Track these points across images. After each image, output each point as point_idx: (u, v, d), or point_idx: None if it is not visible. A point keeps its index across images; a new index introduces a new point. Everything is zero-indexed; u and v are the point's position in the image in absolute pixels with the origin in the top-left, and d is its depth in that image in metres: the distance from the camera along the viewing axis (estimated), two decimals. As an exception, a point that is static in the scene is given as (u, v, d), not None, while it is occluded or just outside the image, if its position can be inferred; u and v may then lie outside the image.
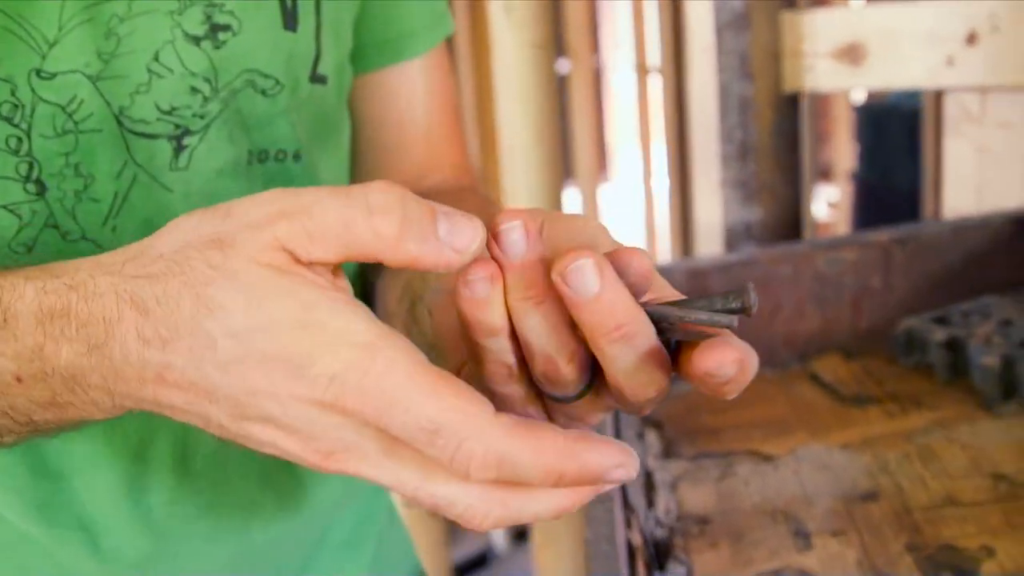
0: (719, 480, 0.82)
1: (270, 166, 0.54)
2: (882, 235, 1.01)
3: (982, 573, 0.69)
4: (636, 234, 3.09)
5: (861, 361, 0.98)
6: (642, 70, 3.20)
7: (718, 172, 1.14)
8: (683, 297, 0.38)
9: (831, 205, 3.82)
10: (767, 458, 0.84)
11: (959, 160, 1.11)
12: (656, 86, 2.94)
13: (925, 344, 0.94)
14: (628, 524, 0.68)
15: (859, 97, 3.27)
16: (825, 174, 3.66)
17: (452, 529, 2.40)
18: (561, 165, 1.51)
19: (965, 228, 0.99)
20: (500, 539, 2.66)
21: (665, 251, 2.02)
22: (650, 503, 0.76)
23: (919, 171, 1.34)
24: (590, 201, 2.88)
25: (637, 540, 0.68)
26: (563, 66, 3.40)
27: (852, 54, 1.12)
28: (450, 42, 0.72)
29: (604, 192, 4.34)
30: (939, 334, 0.93)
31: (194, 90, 0.50)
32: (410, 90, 0.67)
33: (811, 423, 0.89)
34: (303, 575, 0.68)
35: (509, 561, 2.64)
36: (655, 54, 2.55)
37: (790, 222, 1.20)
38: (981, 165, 1.09)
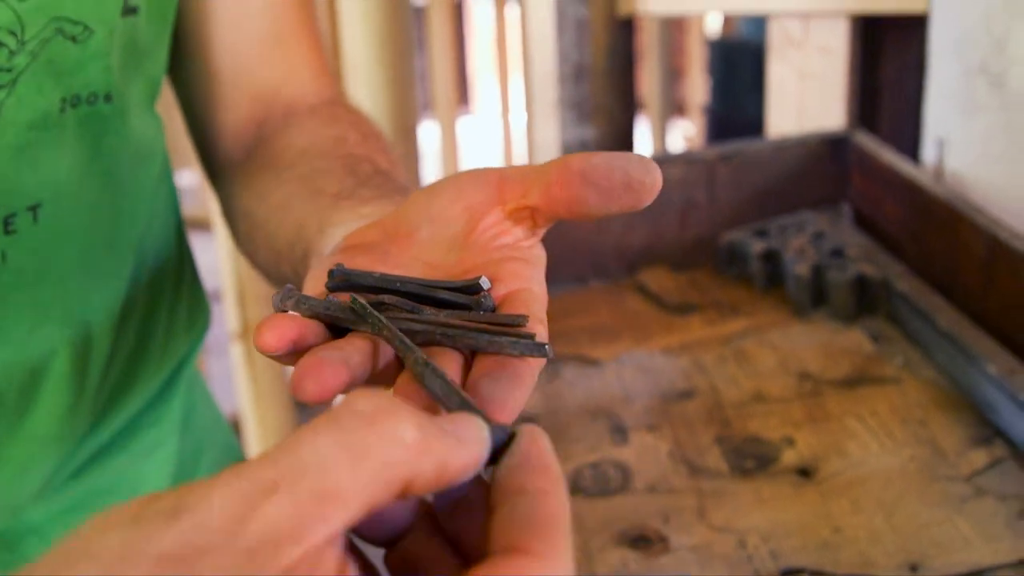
0: (546, 383, 0.85)
1: (82, 110, 0.53)
2: (708, 152, 1.05)
3: (782, 460, 0.74)
4: (495, 161, 3.11)
5: (687, 273, 1.03)
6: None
7: (555, 92, 1.16)
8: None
9: (686, 138, 3.91)
10: (592, 362, 0.88)
11: (783, 83, 1.17)
12: (513, 15, 2.95)
13: (745, 256, 0.99)
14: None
15: (712, 32, 3.34)
16: (680, 109, 3.73)
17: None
18: (414, 98, 1.50)
19: (785, 147, 1.04)
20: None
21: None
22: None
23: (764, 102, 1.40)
24: (448, 133, 2.88)
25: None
26: (420, -4, 3.37)
27: (683, -22, 1.16)
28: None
29: (463, 124, 4.33)
30: (757, 246, 0.98)
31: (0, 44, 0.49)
32: None
33: (636, 330, 0.93)
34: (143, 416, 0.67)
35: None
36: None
37: (624, 142, 1.25)
38: (802, 88, 1.15)
